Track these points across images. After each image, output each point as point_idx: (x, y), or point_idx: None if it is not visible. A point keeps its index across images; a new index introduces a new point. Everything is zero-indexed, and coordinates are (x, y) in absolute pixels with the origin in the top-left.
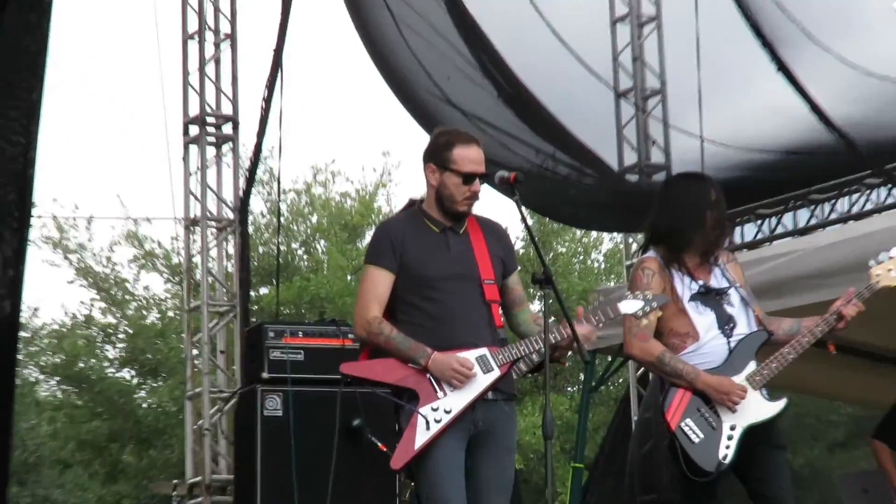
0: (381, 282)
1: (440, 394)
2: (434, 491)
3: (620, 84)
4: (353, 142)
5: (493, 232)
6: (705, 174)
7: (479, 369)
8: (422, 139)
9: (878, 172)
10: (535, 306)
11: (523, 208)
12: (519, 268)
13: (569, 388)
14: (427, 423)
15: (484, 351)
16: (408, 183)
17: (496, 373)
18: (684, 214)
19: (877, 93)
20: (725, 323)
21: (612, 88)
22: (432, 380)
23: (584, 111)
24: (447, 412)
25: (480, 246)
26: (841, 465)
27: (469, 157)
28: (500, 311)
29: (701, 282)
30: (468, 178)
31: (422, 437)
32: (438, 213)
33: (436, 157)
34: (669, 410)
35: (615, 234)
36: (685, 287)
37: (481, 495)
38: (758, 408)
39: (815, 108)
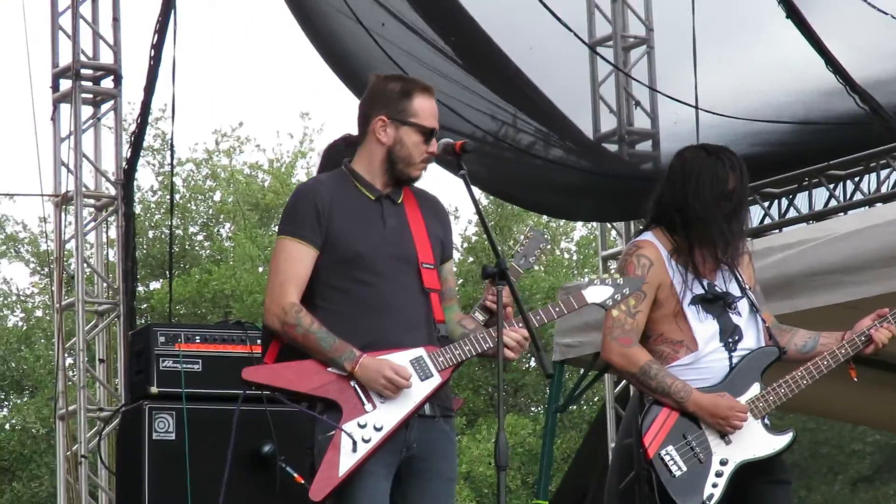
0: (300, 259)
1: (368, 406)
2: None
3: (596, 32)
4: (265, 101)
5: (432, 207)
6: (727, 151)
7: (416, 376)
8: (348, 98)
9: None
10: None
11: (472, 187)
12: (455, 256)
13: (533, 408)
14: (353, 443)
15: (420, 352)
16: None
17: (436, 379)
18: (694, 201)
19: None
20: (730, 335)
21: (583, 38)
22: (358, 388)
23: (550, 66)
24: (377, 429)
25: (418, 222)
26: None
27: (430, 110)
28: (440, 303)
29: (706, 282)
30: (429, 136)
31: (347, 460)
32: (378, 177)
33: (390, 107)
34: (649, 434)
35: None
36: (687, 286)
37: None
38: (757, 441)
39: (833, 64)
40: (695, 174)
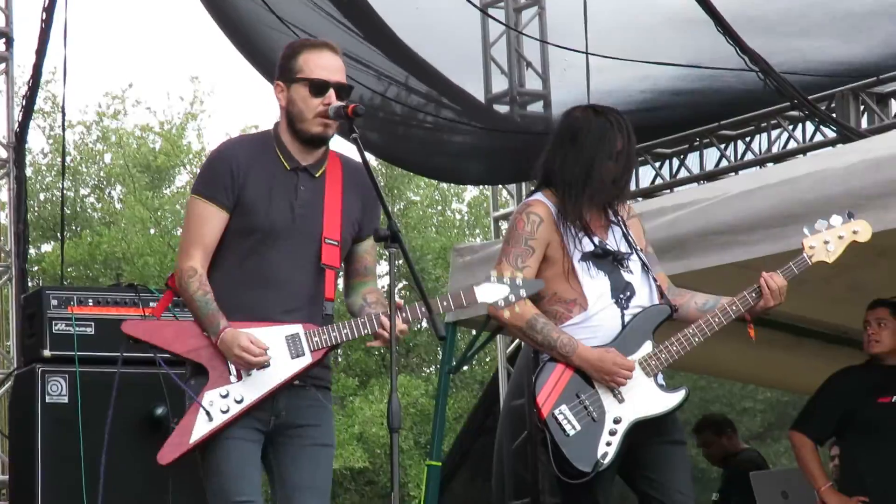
0: (209, 221)
1: (233, 378)
2: (221, 492)
3: None
4: (155, 63)
5: (355, 180)
6: (615, 111)
7: (287, 352)
8: (238, 61)
9: (801, 104)
10: (382, 268)
11: (366, 152)
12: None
13: (425, 369)
14: (208, 413)
15: (297, 329)
16: (222, 114)
17: (306, 359)
18: (580, 162)
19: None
20: (621, 291)
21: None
22: None
23: (440, 28)
24: (238, 402)
25: (334, 197)
26: None
27: (319, 62)
28: (335, 280)
29: (597, 240)
30: (319, 88)
31: (201, 428)
32: (293, 144)
33: (282, 71)
34: (542, 393)
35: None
36: (576, 244)
37: (293, 503)
38: (650, 399)
39: (723, 26)
40: (582, 133)
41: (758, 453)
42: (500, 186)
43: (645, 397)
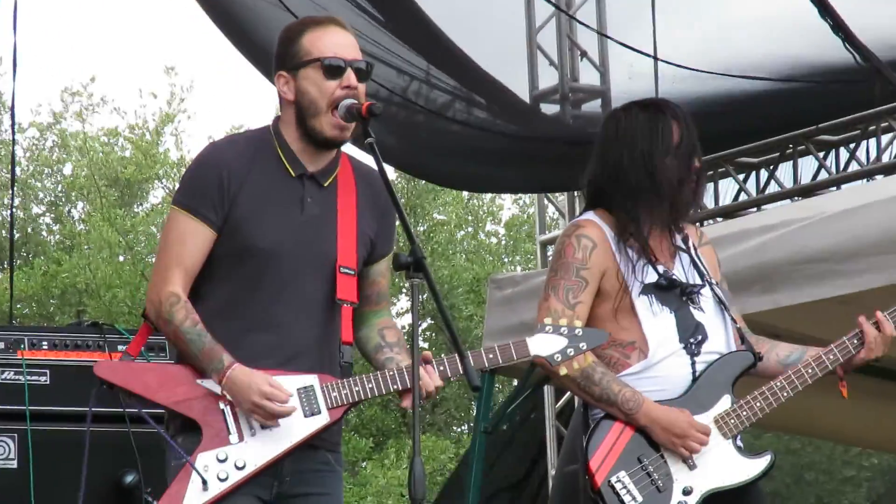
0: (192, 240)
1: (234, 437)
2: None
3: None
4: (123, 52)
5: (370, 189)
6: (667, 102)
7: (301, 409)
8: (224, 50)
9: None
10: (403, 303)
11: (382, 161)
12: (393, 250)
13: (455, 428)
14: (204, 482)
15: (312, 381)
16: (205, 114)
17: (323, 418)
18: (633, 164)
19: None
20: (690, 334)
21: None
22: (228, 412)
23: (475, 9)
24: (239, 468)
25: (348, 213)
26: None
27: (329, 39)
28: (353, 319)
29: (661, 268)
30: (333, 69)
31: (194, 499)
32: (300, 145)
33: (283, 60)
34: (596, 457)
35: (522, 195)
36: (637, 273)
37: None
38: (728, 465)
39: (828, 12)
40: (630, 130)
41: None
42: (546, 203)
43: (721, 464)
